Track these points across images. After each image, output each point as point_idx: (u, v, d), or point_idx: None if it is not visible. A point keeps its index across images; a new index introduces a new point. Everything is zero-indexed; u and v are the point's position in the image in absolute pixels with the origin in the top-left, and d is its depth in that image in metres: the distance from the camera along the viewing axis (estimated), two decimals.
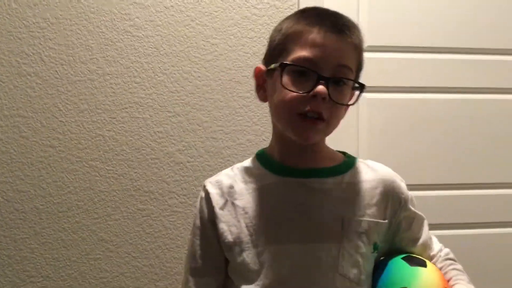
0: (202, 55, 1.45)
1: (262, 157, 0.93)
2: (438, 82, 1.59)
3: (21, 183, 1.39)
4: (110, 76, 1.42)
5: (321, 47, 0.81)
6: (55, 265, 1.40)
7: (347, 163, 0.91)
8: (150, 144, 1.43)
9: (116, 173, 1.42)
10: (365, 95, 1.55)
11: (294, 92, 0.81)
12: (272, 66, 0.85)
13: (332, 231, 0.84)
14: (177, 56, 1.44)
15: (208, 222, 0.90)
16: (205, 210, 0.91)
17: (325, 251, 0.83)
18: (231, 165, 1.52)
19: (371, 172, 0.90)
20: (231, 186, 0.91)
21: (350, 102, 0.86)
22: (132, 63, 1.42)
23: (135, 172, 1.42)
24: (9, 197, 1.38)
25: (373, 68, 1.55)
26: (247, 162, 0.95)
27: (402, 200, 0.90)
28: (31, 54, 1.39)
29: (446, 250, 0.95)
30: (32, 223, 1.39)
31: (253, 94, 1.48)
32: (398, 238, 0.91)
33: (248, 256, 0.85)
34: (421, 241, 0.91)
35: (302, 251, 0.84)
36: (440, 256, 0.93)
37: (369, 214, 0.87)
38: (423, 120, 1.58)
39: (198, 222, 0.92)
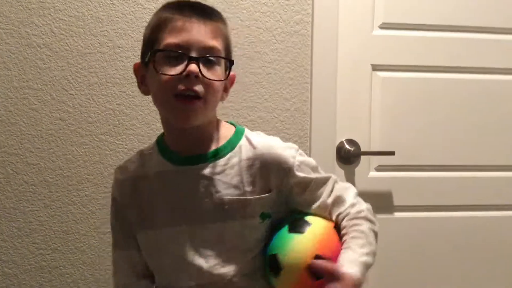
0: None
1: (159, 143, 0.99)
2: (453, 61, 1.55)
3: (31, 155, 1.38)
4: (120, 49, 1.40)
5: (186, 31, 0.88)
6: (64, 238, 1.40)
7: (231, 142, 0.96)
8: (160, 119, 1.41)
9: (126, 147, 1.41)
10: (378, 73, 1.55)
11: (167, 75, 0.86)
12: (146, 58, 0.90)
13: (216, 212, 0.91)
14: None
15: (118, 204, 0.99)
16: (115, 193, 0.99)
17: (212, 230, 0.92)
18: None
19: (251, 150, 0.95)
20: (135, 171, 0.97)
21: (222, 78, 0.91)
22: (143, 36, 1.40)
23: (145, 146, 1.41)
24: (18, 170, 1.38)
25: (387, 46, 1.51)
26: (149, 148, 1.01)
27: (286, 169, 0.94)
28: (41, 25, 1.37)
29: (359, 207, 0.95)
30: (42, 196, 1.39)
31: (265, 70, 1.46)
32: (294, 202, 0.96)
33: (146, 237, 0.95)
34: (318, 203, 0.94)
35: (192, 232, 0.92)
36: (348, 214, 0.94)
37: (250, 192, 0.93)
38: (437, 100, 1.55)
39: (112, 202, 1.00)
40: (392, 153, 1.50)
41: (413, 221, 1.55)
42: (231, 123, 1.01)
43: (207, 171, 0.93)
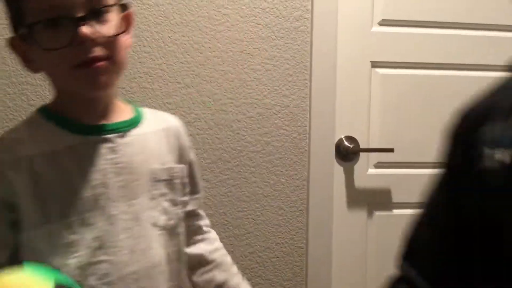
0: (213, 26, 1.42)
1: (51, 116, 0.80)
2: (453, 58, 1.55)
3: None
4: None
5: None
6: None
7: (139, 113, 0.87)
8: None
9: None
10: (377, 70, 1.55)
11: (57, 49, 0.71)
12: (21, 32, 0.74)
13: (141, 184, 0.82)
14: (188, 26, 1.41)
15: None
16: None
17: (139, 205, 0.81)
18: (240, 139, 1.51)
19: (159, 123, 0.89)
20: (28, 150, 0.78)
21: (123, 29, 0.76)
22: (142, 32, 1.40)
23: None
24: None
25: (386, 43, 1.51)
26: (29, 124, 0.82)
27: (187, 145, 0.92)
28: None
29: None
30: None
31: (264, 66, 1.46)
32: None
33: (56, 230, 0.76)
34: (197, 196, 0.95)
35: (121, 210, 0.80)
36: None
37: (171, 160, 0.87)
38: (436, 97, 1.54)
39: None
40: (391, 150, 1.49)
41: (412, 218, 1.55)
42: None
43: (129, 139, 0.82)
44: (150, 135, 0.86)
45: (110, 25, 0.74)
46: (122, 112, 0.84)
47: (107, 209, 0.79)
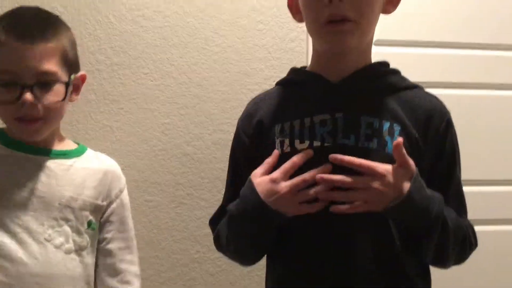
0: (210, 47, 1.45)
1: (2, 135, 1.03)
2: (446, 77, 1.57)
3: None
4: (118, 66, 1.41)
5: (17, 58, 0.91)
6: None
7: (79, 150, 1.09)
8: (157, 136, 1.43)
9: (123, 164, 1.41)
10: None
11: (4, 102, 0.93)
12: None
13: (50, 204, 0.98)
14: (186, 47, 1.44)
15: None
16: None
17: (37, 221, 0.97)
18: None
19: (95, 162, 1.08)
20: None
21: (61, 96, 0.97)
22: (140, 53, 1.42)
23: (143, 163, 1.42)
24: None
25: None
26: None
27: (118, 190, 1.09)
28: None
29: None
30: None
31: (261, 86, 1.48)
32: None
33: None
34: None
35: (29, 220, 0.97)
36: None
37: (87, 195, 1.02)
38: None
39: None
40: None
41: None
42: (75, 142, 1.12)
43: (53, 165, 1.01)
44: (77, 169, 1.03)
45: (52, 93, 0.95)
46: (62, 144, 1.06)
47: (12, 222, 0.94)
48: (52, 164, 1.01)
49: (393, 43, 1.55)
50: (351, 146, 0.87)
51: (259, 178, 0.88)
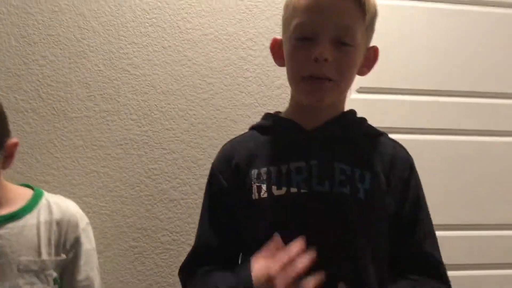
0: (198, 94, 1.48)
1: None
2: (428, 123, 1.62)
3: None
4: (106, 113, 1.43)
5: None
6: None
7: (31, 204, 1.04)
8: (144, 181, 1.43)
9: (109, 210, 1.41)
10: None
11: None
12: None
13: (8, 272, 0.96)
14: (174, 94, 1.47)
15: None
16: None
17: None
18: None
19: (49, 214, 1.03)
20: None
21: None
22: (129, 100, 1.45)
23: (128, 209, 1.42)
24: None
25: (364, 109, 1.55)
26: None
27: (73, 239, 1.05)
28: (29, 91, 1.40)
29: None
30: None
31: None
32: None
33: None
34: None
35: None
36: None
37: (45, 253, 1.00)
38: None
39: None
40: None
41: None
42: (28, 186, 1.09)
43: (3, 231, 0.97)
44: (30, 227, 1.00)
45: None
46: (12, 202, 1.02)
47: None
48: (2, 231, 0.98)
49: (375, 90, 1.60)
50: (325, 192, 0.89)
51: (257, 265, 0.85)
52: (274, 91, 1.52)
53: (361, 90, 1.59)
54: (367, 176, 0.91)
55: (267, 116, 1.06)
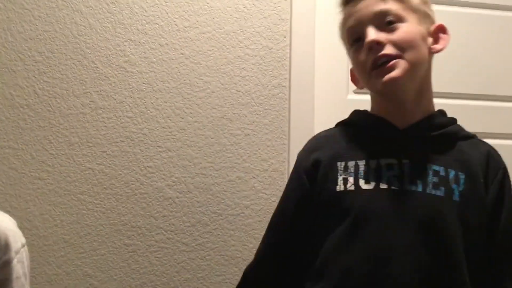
0: (194, 92, 1.48)
1: None
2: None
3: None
4: (102, 110, 1.43)
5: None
6: None
7: None
8: (140, 179, 1.43)
9: (104, 207, 1.41)
10: None
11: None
12: None
13: None
14: (170, 92, 1.46)
15: None
16: None
17: None
18: (220, 202, 1.53)
19: None
20: None
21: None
22: (125, 98, 1.44)
23: (123, 207, 1.41)
24: None
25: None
26: None
27: (7, 259, 0.88)
28: (25, 87, 1.40)
29: None
30: None
31: (243, 131, 1.50)
32: None
33: None
34: None
35: None
36: None
37: None
38: None
39: None
40: None
41: None
42: None
43: None
44: None
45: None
46: None
47: None
48: None
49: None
50: (419, 192, 0.86)
51: None
52: (271, 90, 1.52)
53: (358, 91, 1.59)
54: (461, 177, 0.87)
55: (355, 112, 1.01)
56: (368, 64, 0.89)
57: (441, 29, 0.94)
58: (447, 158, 0.89)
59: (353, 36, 0.92)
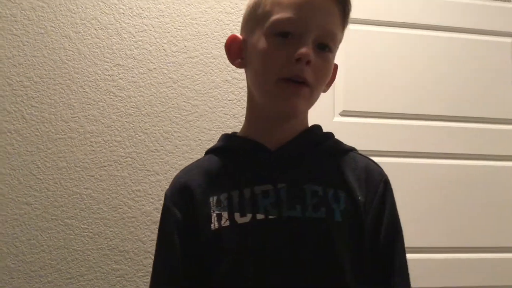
0: (182, 116, 1.49)
1: None
2: (411, 147, 1.64)
3: None
4: (90, 134, 1.43)
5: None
6: None
7: None
8: (128, 203, 1.43)
9: (91, 232, 1.40)
10: None
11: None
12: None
13: None
14: (158, 116, 1.47)
15: None
16: None
17: None
18: None
19: None
20: None
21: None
22: (113, 122, 1.45)
23: (111, 231, 1.41)
24: None
25: (347, 132, 1.59)
26: None
27: None
28: (13, 112, 1.40)
29: None
30: (3, 282, 1.35)
31: None
32: None
33: None
34: None
35: None
36: None
37: None
38: (397, 185, 1.60)
39: None
40: None
41: None
42: None
43: None
44: None
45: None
46: None
47: None
48: None
49: (358, 114, 1.62)
50: (298, 217, 0.79)
51: None
52: None
53: (344, 114, 1.61)
54: (341, 195, 0.82)
55: (224, 137, 0.94)
56: (283, 73, 0.80)
57: (336, 72, 0.91)
58: (325, 176, 0.84)
59: (288, 27, 0.80)
